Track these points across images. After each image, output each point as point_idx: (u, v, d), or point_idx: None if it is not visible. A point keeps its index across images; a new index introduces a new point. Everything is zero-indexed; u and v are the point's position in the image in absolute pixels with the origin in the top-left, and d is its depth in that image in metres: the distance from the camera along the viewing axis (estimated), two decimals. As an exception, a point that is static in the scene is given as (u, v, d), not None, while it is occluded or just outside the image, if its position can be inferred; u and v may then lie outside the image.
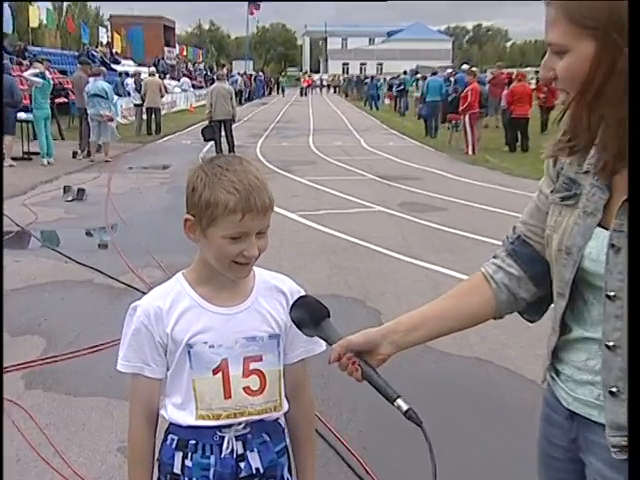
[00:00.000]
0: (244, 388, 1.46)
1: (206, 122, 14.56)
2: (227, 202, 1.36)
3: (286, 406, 1.55)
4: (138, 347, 1.46)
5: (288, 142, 18.98)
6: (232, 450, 1.45)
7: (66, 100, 18.54)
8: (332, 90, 61.20)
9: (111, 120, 13.59)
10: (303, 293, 1.57)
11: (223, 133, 14.37)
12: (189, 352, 1.44)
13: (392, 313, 4.88)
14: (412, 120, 24.84)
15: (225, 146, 14.34)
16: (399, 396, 1.26)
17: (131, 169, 12.86)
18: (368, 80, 37.58)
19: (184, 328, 1.44)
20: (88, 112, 13.36)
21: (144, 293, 1.66)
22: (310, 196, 9.86)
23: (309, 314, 1.39)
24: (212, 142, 14.84)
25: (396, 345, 1.39)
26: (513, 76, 17.22)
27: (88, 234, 7.50)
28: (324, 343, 1.54)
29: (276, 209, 1.47)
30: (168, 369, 1.49)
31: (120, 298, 5.12)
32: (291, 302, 1.51)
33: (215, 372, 1.45)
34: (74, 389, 3.59)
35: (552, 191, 1.31)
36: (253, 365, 1.47)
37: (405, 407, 1.24)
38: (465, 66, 23.97)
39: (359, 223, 7.97)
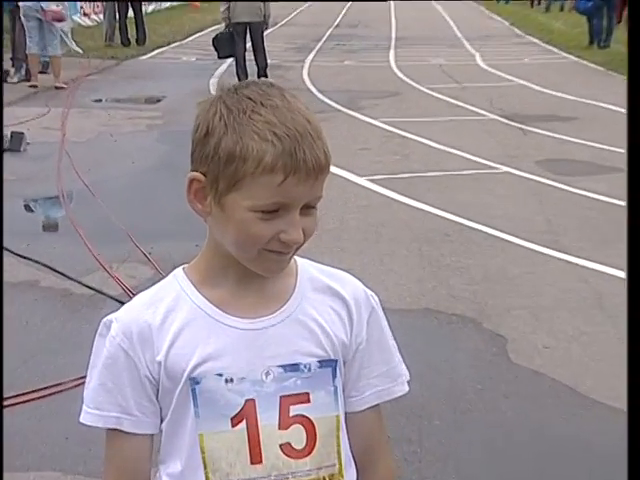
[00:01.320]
0: (282, 446, 1.50)
1: (222, 27, 14.75)
2: (262, 154, 1.39)
3: (352, 476, 1.60)
4: (114, 386, 1.51)
5: (354, 60, 19.00)
6: None
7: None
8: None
9: (61, 20, 13.80)
10: (376, 301, 1.61)
11: (249, 45, 14.52)
12: (194, 390, 1.49)
13: (526, 340, 4.89)
14: (564, 19, 24.41)
15: (252, 67, 14.50)
16: None
17: (99, 102, 13.17)
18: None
19: (185, 353, 1.49)
20: (20, 5, 13.48)
21: (122, 303, 1.74)
22: (389, 149, 9.87)
23: None
24: (231, 60, 15.03)
25: None
26: None
27: (29, 208, 7.76)
28: (406, 379, 1.58)
29: (333, 170, 1.51)
30: (162, 420, 1.54)
31: (83, 311, 5.30)
32: (355, 315, 1.55)
33: (235, 422, 1.49)
34: (7, 461, 3.72)
35: None
36: (295, 409, 1.51)
37: None
38: None
39: (471, 194, 7.95)
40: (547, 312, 5.29)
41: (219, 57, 14.74)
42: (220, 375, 1.48)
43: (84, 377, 1.56)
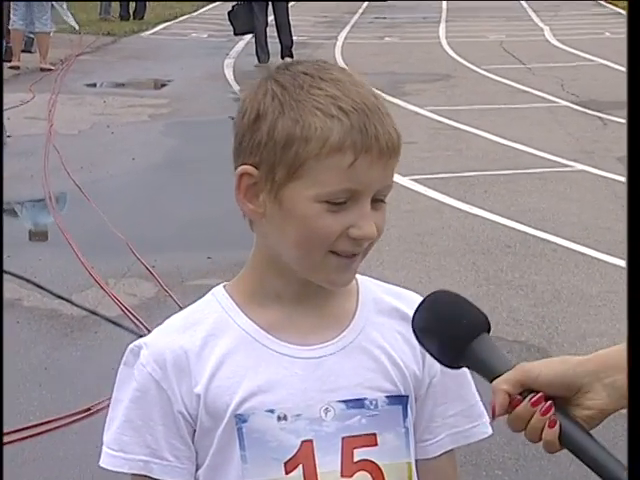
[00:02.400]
0: None
1: (237, -3, 14.83)
2: (327, 132, 1.41)
3: None
4: (142, 423, 1.51)
5: (396, 36, 19.02)
6: None
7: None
8: None
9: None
10: None
11: (270, 19, 14.59)
12: (240, 430, 1.49)
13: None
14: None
15: (274, 46, 14.55)
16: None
17: (93, 87, 13.28)
18: None
19: (230, 385, 1.50)
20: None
21: (120, 325, 1.75)
22: (438, 144, 9.86)
23: (447, 321, 1.42)
24: (249, 37, 15.10)
25: (621, 392, 1.41)
26: None
27: (11, 212, 7.84)
28: (487, 420, 1.58)
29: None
30: (199, 466, 1.54)
31: (73, 335, 5.34)
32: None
33: (290, 468, 1.50)
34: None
35: None
36: (360, 453, 1.52)
37: None
38: None
39: (539, 197, 7.93)
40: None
41: (235, 34, 14.84)
42: (272, 411, 1.49)
43: (75, 414, 1.57)
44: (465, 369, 1.58)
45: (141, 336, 1.61)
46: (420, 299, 1.59)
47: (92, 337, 5.30)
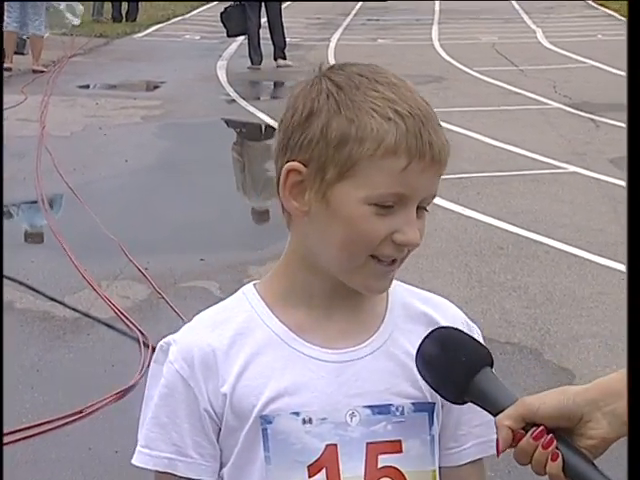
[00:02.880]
0: None
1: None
2: (383, 134, 1.41)
3: None
4: (168, 420, 1.52)
5: (389, 38, 19.02)
6: None
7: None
8: None
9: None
10: (479, 333, 1.61)
11: (263, 20, 14.58)
12: (265, 431, 1.50)
13: (597, 375, 4.82)
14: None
15: (267, 47, 14.56)
16: None
17: (85, 89, 13.26)
18: None
19: (256, 385, 1.50)
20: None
21: (112, 327, 1.75)
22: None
23: (452, 354, 1.43)
24: (242, 38, 15.09)
25: (621, 420, 1.41)
26: None
27: (5, 214, 7.82)
28: None
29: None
30: (223, 465, 1.55)
31: (66, 337, 5.33)
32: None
33: (313, 471, 1.50)
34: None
35: None
36: (385, 460, 1.52)
37: None
38: None
39: (531, 199, 7.94)
40: (624, 342, 5.24)
41: (228, 35, 14.82)
42: (297, 414, 1.49)
43: (67, 416, 1.57)
44: None
45: (134, 338, 1.62)
46: (449, 304, 1.64)
47: (85, 339, 5.29)
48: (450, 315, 1.61)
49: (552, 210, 7.61)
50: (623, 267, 6.38)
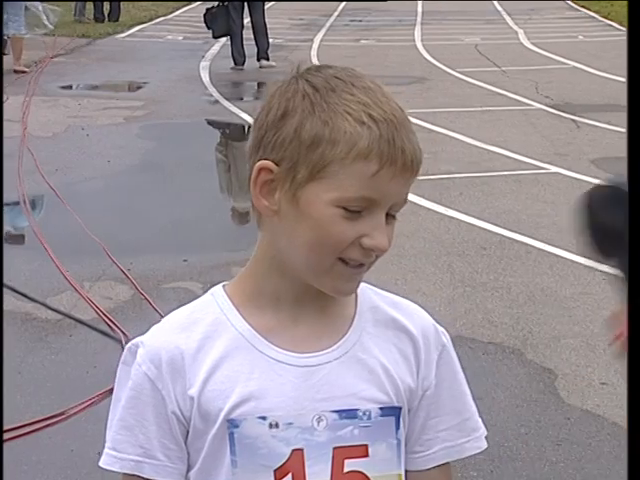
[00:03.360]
0: None
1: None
2: (356, 138, 1.41)
3: None
4: (136, 423, 1.52)
5: (372, 39, 19.03)
6: None
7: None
8: None
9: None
10: (448, 338, 1.62)
11: (247, 21, 14.57)
12: (231, 435, 1.50)
13: (579, 375, 4.88)
14: (624, -8, 24.45)
15: (250, 47, 14.55)
16: None
17: (67, 89, 13.21)
18: None
19: (224, 389, 1.50)
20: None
21: (95, 329, 1.75)
22: (415, 145, 9.88)
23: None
24: (224, 40, 15.07)
25: None
26: None
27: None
28: (482, 433, 1.61)
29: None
30: (190, 467, 1.55)
31: (48, 339, 5.31)
32: (424, 354, 1.56)
33: (279, 476, 1.50)
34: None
35: None
36: (351, 464, 1.52)
37: None
38: None
39: (513, 199, 7.96)
40: (605, 341, 5.26)
41: (214, 37, 14.80)
42: (263, 418, 1.49)
43: (49, 418, 1.57)
44: (462, 380, 1.62)
45: (117, 340, 1.61)
46: (417, 308, 1.64)
47: (67, 340, 5.27)
48: (419, 320, 1.60)
49: (534, 210, 7.63)
50: (604, 267, 6.39)
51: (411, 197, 7.58)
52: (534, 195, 8.06)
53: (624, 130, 10.26)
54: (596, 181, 8.08)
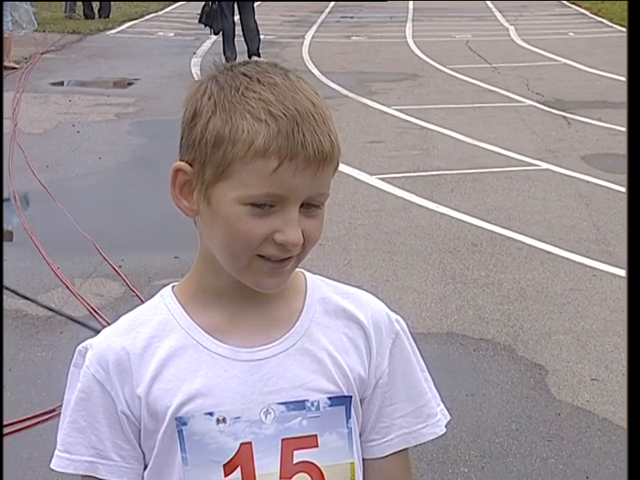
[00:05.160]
0: None
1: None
2: (253, 136, 1.42)
3: None
4: (87, 424, 1.54)
5: (363, 35, 19.04)
6: None
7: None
8: None
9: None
10: (402, 326, 1.62)
11: (237, 18, 14.56)
12: (180, 433, 1.51)
13: (570, 371, 4.89)
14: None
15: (241, 44, 14.52)
16: None
17: (58, 86, 13.19)
18: None
19: (170, 388, 1.51)
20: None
21: (86, 326, 1.75)
22: (406, 143, 9.88)
23: None
24: (215, 37, 15.06)
25: None
26: None
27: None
28: (439, 420, 1.61)
29: (339, 167, 1.52)
30: (145, 466, 1.56)
31: (38, 336, 5.31)
32: (375, 343, 1.56)
33: (229, 470, 1.51)
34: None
35: None
36: (300, 455, 1.53)
37: None
38: None
39: (504, 196, 7.97)
40: (595, 338, 5.29)
41: (214, 33, 14.79)
42: (211, 414, 1.50)
43: (39, 415, 1.58)
44: (417, 367, 1.62)
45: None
46: (370, 298, 1.63)
47: (58, 337, 5.26)
48: (370, 309, 1.60)
49: (525, 207, 7.63)
50: (595, 263, 6.41)
51: (402, 194, 7.61)
52: (525, 192, 8.07)
53: (614, 127, 10.30)
54: (586, 178, 8.07)
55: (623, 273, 6.20)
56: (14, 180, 8.17)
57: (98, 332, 5.09)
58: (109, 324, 5.35)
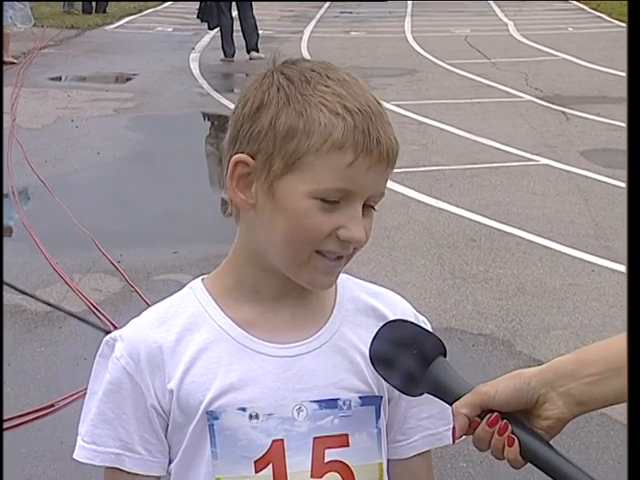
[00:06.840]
0: None
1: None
2: (330, 129, 1.41)
3: None
4: (115, 416, 1.52)
5: (362, 30, 19.03)
6: None
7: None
8: None
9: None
10: (428, 327, 1.60)
11: (235, 14, 14.55)
12: (211, 427, 1.50)
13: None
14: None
15: (239, 39, 14.53)
16: None
17: (57, 81, 13.19)
18: None
19: (203, 382, 1.50)
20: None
21: (85, 320, 1.75)
22: (404, 138, 9.87)
23: (403, 347, 1.44)
24: (214, 32, 15.06)
25: (576, 400, 1.43)
26: None
27: (-23, 207, 7.78)
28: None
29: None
30: (171, 460, 1.56)
31: (37, 331, 5.31)
32: None
33: (260, 467, 1.50)
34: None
35: None
36: (332, 454, 1.53)
37: None
38: None
39: (503, 191, 7.98)
40: (594, 333, 5.29)
41: (210, 28, 14.81)
42: (243, 410, 1.49)
43: (39, 410, 1.57)
44: None
45: (106, 332, 1.61)
46: (399, 298, 1.63)
47: (56, 332, 5.27)
48: (399, 309, 1.60)
49: (524, 202, 7.64)
50: (593, 258, 6.42)
51: (401, 189, 7.62)
52: (524, 187, 8.07)
53: (613, 122, 10.30)
54: (585, 173, 8.07)
55: (622, 268, 6.21)
56: (13, 175, 8.17)
57: (96, 327, 5.08)
58: (108, 319, 5.35)
